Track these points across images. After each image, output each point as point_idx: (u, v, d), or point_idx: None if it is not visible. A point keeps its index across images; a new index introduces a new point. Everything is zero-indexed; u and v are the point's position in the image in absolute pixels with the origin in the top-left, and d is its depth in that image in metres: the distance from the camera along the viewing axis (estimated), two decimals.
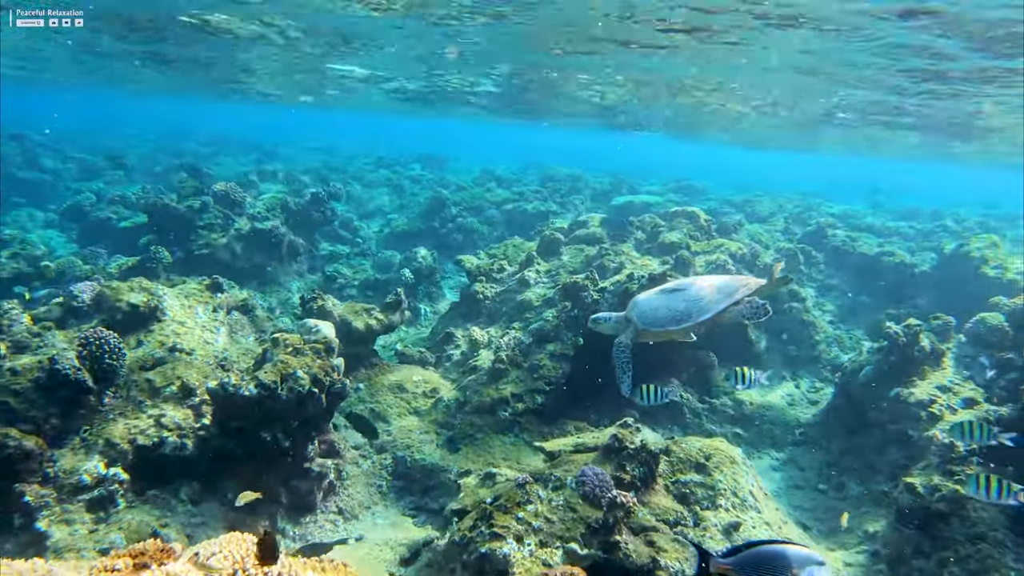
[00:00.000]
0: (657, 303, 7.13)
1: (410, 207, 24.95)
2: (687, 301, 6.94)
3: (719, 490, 7.16)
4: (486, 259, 12.65)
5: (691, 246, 12.09)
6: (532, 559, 5.73)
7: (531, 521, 5.97)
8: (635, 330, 7.28)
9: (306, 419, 7.04)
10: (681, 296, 7.01)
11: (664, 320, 7.03)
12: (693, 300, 6.91)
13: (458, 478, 7.91)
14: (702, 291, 6.95)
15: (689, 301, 6.92)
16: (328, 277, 16.03)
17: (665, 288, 7.30)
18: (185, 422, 6.94)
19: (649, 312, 7.13)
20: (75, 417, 6.67)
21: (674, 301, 7.01)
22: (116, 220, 18.47)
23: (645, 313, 7.16)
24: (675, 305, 6.97)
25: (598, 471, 6.50)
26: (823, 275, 14.68)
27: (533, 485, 6.35)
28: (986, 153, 26.68)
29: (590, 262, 11.49)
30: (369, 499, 7.91)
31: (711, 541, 6.59)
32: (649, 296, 7.29)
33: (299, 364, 6.94)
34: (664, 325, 7.05)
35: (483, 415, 8.65)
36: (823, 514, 8.44)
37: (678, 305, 6.96)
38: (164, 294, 8.67)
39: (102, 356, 6.86)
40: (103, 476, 6.29)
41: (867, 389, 9.20)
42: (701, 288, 6.99)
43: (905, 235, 18.55)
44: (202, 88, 30.60)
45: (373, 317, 9.56)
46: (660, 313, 7.04)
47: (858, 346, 11.82)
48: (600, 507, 6.25)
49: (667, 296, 7.14)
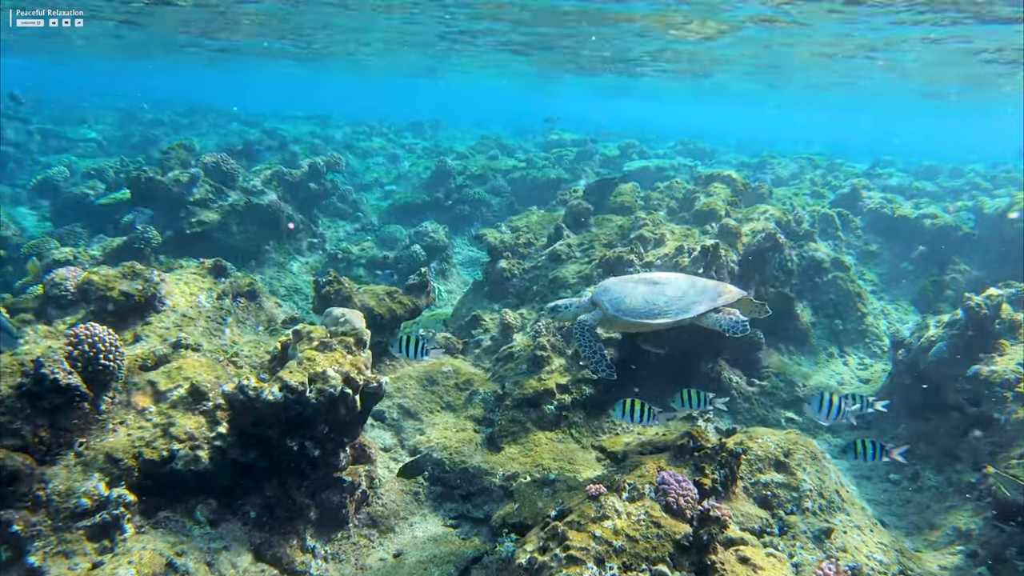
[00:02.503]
0: (633, 291, 6.41)
1: (409, 177, 23.85)
2: (667, 297, 6.31)
3: (804, 491, 6.38)
4: (508, 233, 11.68)
5: (731, 213, 11.19)
6: None
7: (611, 540, 5.14)
8: (603, 316, 6.48)
9: (337, 424, 6.15)
10: (660, 290, 6.37)
11: (640, 311, 6.30)
12: (673, 297, 6.31)
13: (504, 482, 7.09)
14: (682, 289, 6.36)
15: (669, 297, 6.31)
16: (332, 256, 15.02)
17: (642, 278, 6.60)
18: (198, 431, 6.02)
19: (623, 299, 6.38)
20: (68, 428, 5.72)
21: (652, 294, 6.35)
22: (94, 196, 17.18)
23: (619, 299, 6.39)
24: (653, 298, 6.32)
25: (680, 478, 5.67)
26: (861, 241, 13.85)
27: (608, 496, 5.51)
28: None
29: (625, 233, 10.57)
30: (405, 508, 7.07)
31: (802, 551, 5.82)
32: (623, 283, 6.55)
33: (328, 362, 6.02)
34: (640, 316, 6.30)
35: (526, 409, 7.79)
36: (900, 508, 7.72)
37: (656, 299, 6.31)
38: (161, 280, 7.67)
39: (96, 356, 5.90)
40: (106, 498, 5.38)
41: (940, 367, 8.43)
42: (681, 286, 6.40)
43: (934, 195, 17.72)
44: (170, 51, 28.94)
45: (396, 301, 8.62)
46: (636, 303, 6.31)
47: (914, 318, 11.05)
48: (686, 520, 5.44)
49: (645, 287, 6.44)
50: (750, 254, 9.90)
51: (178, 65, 40.94)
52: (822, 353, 11.04)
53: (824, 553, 5.81)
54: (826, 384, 10.10)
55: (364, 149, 28.11)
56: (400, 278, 14.12)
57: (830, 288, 11.67)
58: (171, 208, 13.48)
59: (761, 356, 10.11)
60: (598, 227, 11.61)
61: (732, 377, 9.65)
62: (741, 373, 9.86)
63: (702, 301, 6.29)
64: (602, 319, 6.55)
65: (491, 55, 28.12)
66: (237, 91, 48.89)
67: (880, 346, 11.20)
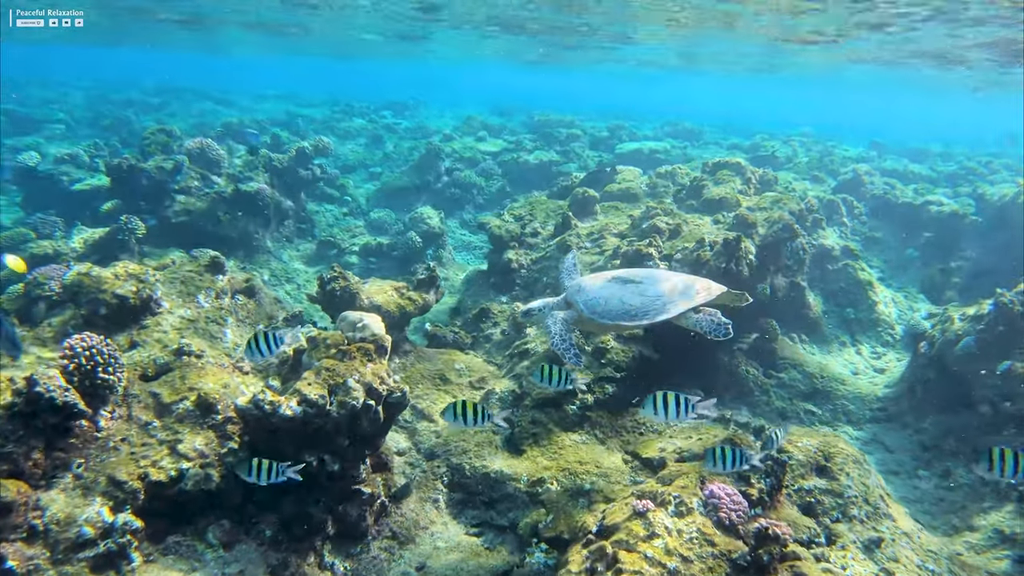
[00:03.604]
0: (607, 292, 6.08)
1: (394, 159, 23.17)
2: (643, 297, 6.00)
3: (848, 497, 6.12)
4: (511, 220, 11.23)
5: (741, 201, 10.86)
6: None
7: (664, 561, 4.81)
8: (578, 317, 6.19)
9: (359, 436, 5.72)
10: (636, 289, 6.05)
11: (616, 313, 5.99)
12: (649, 297, 5.99)
13: (530, 488, 6.73)
14: (659, 288, 6.04)
15: (645, 297, 6.00)
16: (323, 243, 14.43)
17: (618, 276, 6.24)
18: (208, 447, 5.56)
19: (599, 301, 6.05)
20: (65, 449, 5.22)
21: (627, 294, 6.03)
22: (68, 182, 16.29)
23: (594, 301, 6.06)
24: (628, 299, 6.00)
25: (730, 491, 5.36)
26: (866, 228, 13.64)
27: (656, 512, 5.18)
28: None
29: (636, 223, 10.18)
30: (425, 517, 6.69)
31: (854, 563, 5.56)
32: (597, 282, 6.21)
33: (348, 371, 5.57)
34: (616, 319, 6.00)
35: (547, 410, 7.43)
36: (933, 506, 7.53)
37: (632, 299, 5.99)
38: (156, 280, 7.12)
39: (94, 370, 5.39)
40: (110, 525, 4.90)
41: (968, 362, 8.23)
42: (657, 284, 6.08)
43: (931, 179, 17.60)
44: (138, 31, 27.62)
45: (405, 297, 8.17)
46: (612, 304, 6.01)
47: (925, 306, 10.86)
48: (739, 536, 5.14)
49: (619, 286, 6.11)
50: (767, 245, 9.60)
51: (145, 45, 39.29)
52: (834, 342, 10.83)
53: (876, 565, 5.56)
54: (839, 374, 9.88)
55: (345, 130, 27.28)
56: (395, 265, 13.62)
57: (840, 276, 11.44)
58: (154, 196, 12.78)
59: (777, 347, 9.86)
60: (605, 215, 11.22)
61: (750, 370, 9.39)
62: (758, 365, 9.61)
63: (679, 301, 5.97)
64: (577, 320, 6.25)
65: (468, 36, 27.29)
66: (207, 71, 47.11)
67: (892, 335, 11.02)
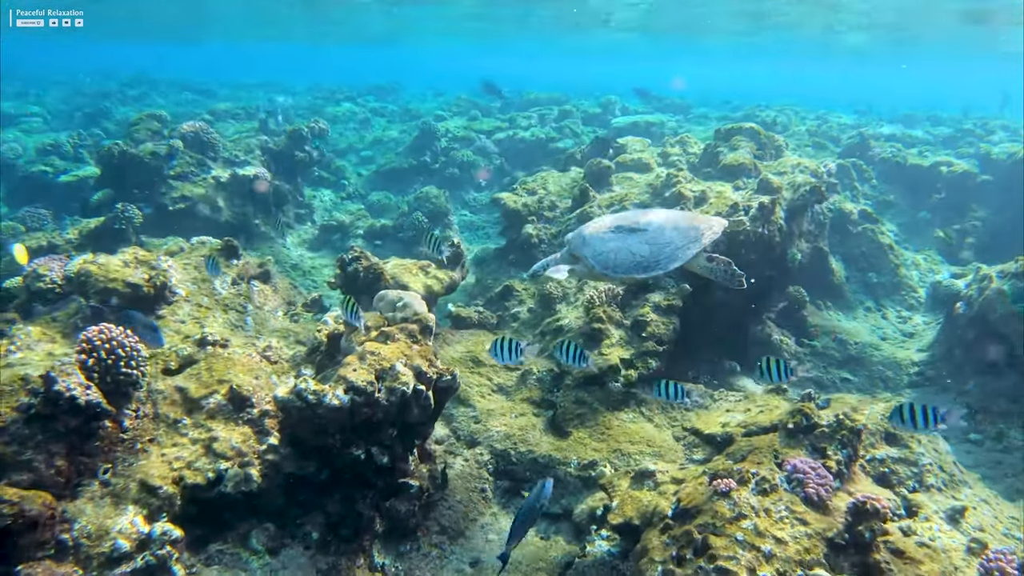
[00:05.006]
0: (614, 244, 5.67)
1: (385, 142, 22.52)
2: (651, 245, 5.58)
3: (923, 465, 5.83)
4: (525, 195, 10.78)
5: (761, 168, 10.50)
6: None
7: (757, 544, 4.47)
8: (589, 272, 5.84)
9: (408, 425, 5.30)
10: (643, 238, 5.62)
11: (627, 266, 5.60)
12: (658, 244, 5.57)
13: (581, 472, 6.36)
14: (666, 234, 5.59)
15: (653, 245, 5.57)
16: (325, 228, 13.87)
17: (620, 225, 5.78)
18: (245, 444, 5.10)
19: (608, 254, 5.65)
20: (89, 454, 4.74)
21: (634, 243, 5.61)
22: (53, 174, 15.56)
23: (603, 255, 5.66)
24: (637, 248, 5.59)
25: (813, 464, 5.02)
26: (877, 192, 13.37)
27: (739, 491, 4.82)
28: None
29: (658, 191, 9.79)
30: (473, 508, 6.29)
31: (941, 535, 5.26)
32: (602, 233, 5.77)
33: (395, 355, 5.13)
34: (628, 271, 5.61)
35: (590, 388, 7.05)
36: (991, 471, 7.26)
37: (640, 248, 5.58)
38: (169, 266, 6.60)
39: (116, 364, 4.89)
40: (147, 536, 4.45)
41: (1011, 320, 7.97)
42: (664, 230, 5.62)
43: (929, 143, 17.36)
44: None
45: (432, 276, 7.72)
46: (621, 256, 5.60)
47: (945, 267, 10.62)
48: (827, 511, 4.81)
49: (625, 236, 5.68)
50: (793, 210, 9.26)
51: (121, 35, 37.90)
52: (859, 308, 10.56)
53: (964, 535, 5.27)
54: (870, 340, 9.61)
55: (332, 114, 26.50)
56: (402, 247, 13.12)
57: (861, 241, 11.16)
58: (149, 184, 12.12)
59: (807, 315, 9.56)
60: (620, 186, 10.81)
61: (782, 339, 9.09)
62: (789, 334, 9.31)
63: (690, 245, 5.53)
64: (587, 274, 5.92)
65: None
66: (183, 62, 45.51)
67: (915, 298, 10.78)
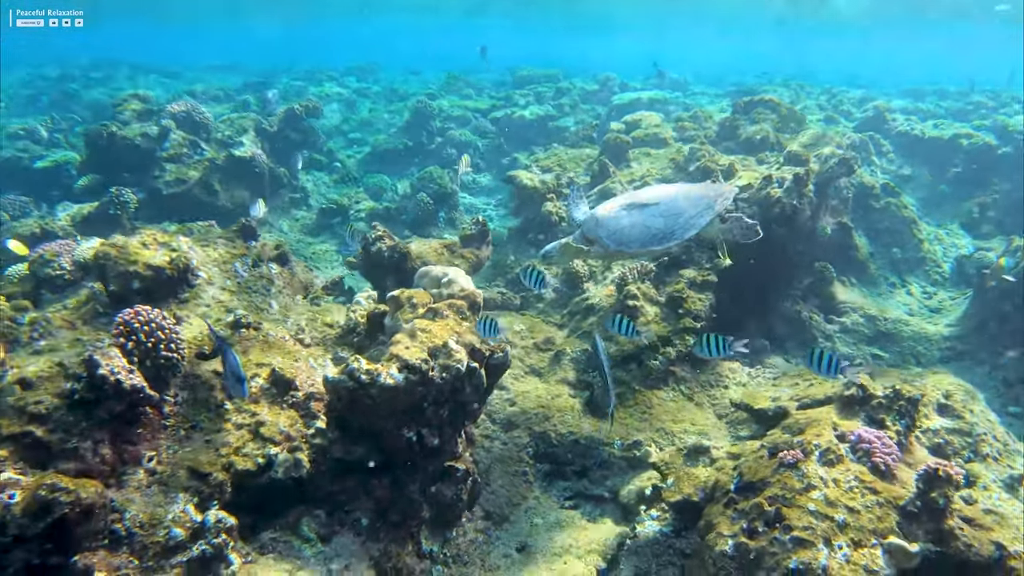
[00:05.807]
0: (629, 220, 5.60)
1: (374, 123, 22.13)
2: (664, 217, 5.53)
3: (978, 435, 5.77)
4: (540, 173, 10.57)
5: (781, 140, 10.37)
6: (851, 567, 4.16)
7: (830, 514, 4.36)
8: (605, 252, 5.75)
9: (460, 405, 5.11)
10: (655, 211, 5.57)
11: (644, 239, 5.53)
12: (671, 215, 5.53)
13: (626, 452, 6.23)
14: (678, 203, 5.56)
15: (667, 216, 5.53)
16: (323, 211, 13.55)
17: (631, 202, 5.71)
18: (293, 428, 4.89)
19: (623, 231, 5.57)
20: (133, 441, 4.50)
21: (648, 217, 5.56)
22: (28, 159, 14.93)
23: (619, 232, 5.57)
24: (651, 222, 5.53)
25: (878, 433, 4.92)
26: (895, 165, 13.33)
27: (807, 462, 4.71)
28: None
29: (681, 166, 9.63)
30: (516, 493, 6.13)
31: (1001, 504, 5.20)
32: (613, 210, 5.70)
33: (446, 332, 4.93)
34: (645, 245, 5.54)
35: (628, 367, 6.91)
36: None
37: (654, 222, 5.52)
38: (189, 248, 6.32)
39: (156, 347, 4.65)
40: (201, 524, 4.23)
41: None
42: (676, 199, 5.60)
43: (939, 116, 17.37)
44: None
45: (458, 255, 7.50)
46: (635, 231, 5.54)
47: (968, 241, 10.60)
48: (894, 480, 4.71)
49: (639, 212, 5.62)
50: (821, 183, 9.15)
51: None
52: (883, 284, 10.52)
53: (1023, 503, 5.21)
54: (899, 315, 9.58)
55: (317, 95, 25.92)
56: (406, 229, 12.86)
57: (884, 215, 11.10)
58: (140, 167, 11.73)
59: (835, 291, 9.49)
60: (638, 162, 10.63)
61: (813, 316, 9.00)
62: (818, 310, 9.23)
63: (704, 212, 5.50)
64: (604, 254, 5.80)
65: None
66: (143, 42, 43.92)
67: (940, 273, 10.76)
